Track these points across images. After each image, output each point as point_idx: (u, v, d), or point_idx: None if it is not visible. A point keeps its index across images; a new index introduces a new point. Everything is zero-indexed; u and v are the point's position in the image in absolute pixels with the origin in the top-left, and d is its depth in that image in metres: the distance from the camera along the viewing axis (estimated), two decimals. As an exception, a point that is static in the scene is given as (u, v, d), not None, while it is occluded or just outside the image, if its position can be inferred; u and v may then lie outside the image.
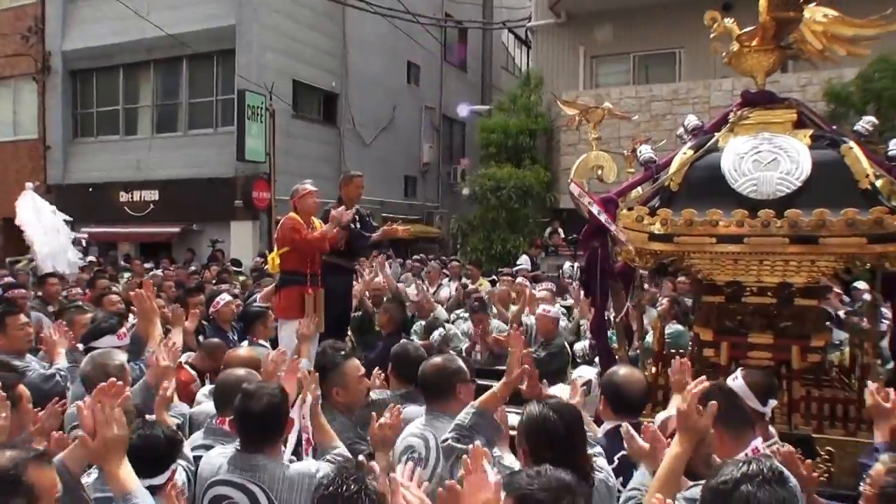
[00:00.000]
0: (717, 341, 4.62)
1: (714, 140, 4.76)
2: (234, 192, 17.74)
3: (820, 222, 4.07)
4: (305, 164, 19.03)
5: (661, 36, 18.27)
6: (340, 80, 20.92)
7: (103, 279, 9.47)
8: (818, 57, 5.05)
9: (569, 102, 5.37)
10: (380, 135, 22.37)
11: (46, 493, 2.27)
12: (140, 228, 19.08)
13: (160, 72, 20.02)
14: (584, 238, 4.63)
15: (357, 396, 4.01)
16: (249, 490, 3.00)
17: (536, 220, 17.08)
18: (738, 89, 15.83)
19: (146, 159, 19.50)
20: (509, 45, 30.55)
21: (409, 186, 24.57)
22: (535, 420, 2.83)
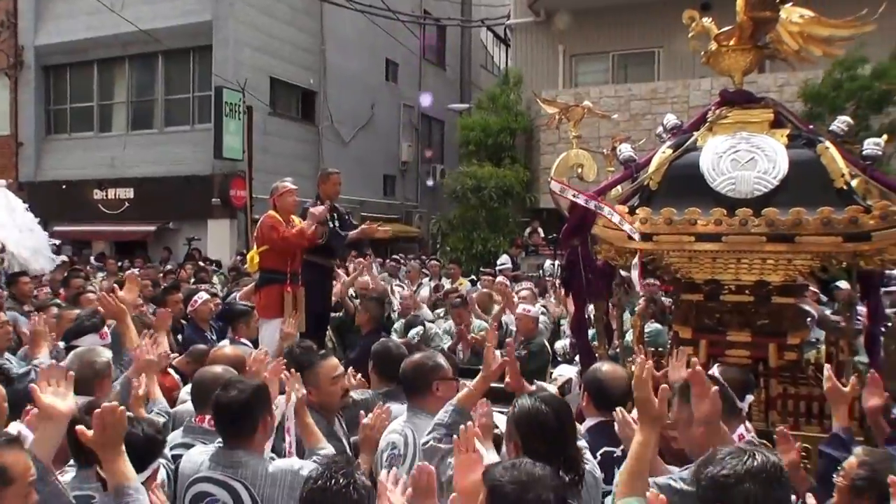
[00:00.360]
0: (695, 339, 4.64)
1: (693, 139, 4.78)
2: (211, 190, 17.61)
3: (796, 221, 4.11)
4: (283, 163, 18.92)
5: (639, 35, 18.39)
6: (318, 78, 20.82)
7: (78, 278, 9.36)
8: (794, 57, 5.09)
9: (549, 101, 5.37)
10: (358, 133, 22.29)
11: (20, 476, 2.33)
12: (115, 227, 18.85)
13: (135, 68, 19.81)
14: (565, 236, 4.64)
15: (330, 398, 3.91)
16: (231, 487, 2.99)
17: (516, 219, 17.09)
18: (717, 89, 15.78)
19: (121, 157, 19.29)
20: (488, 43, 30.55)
21: (387, 185, 24.49)
22: (526, 413, 2.84)
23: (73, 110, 20.77)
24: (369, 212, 22.02)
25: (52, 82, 21.02)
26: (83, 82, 20.52)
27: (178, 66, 19.14)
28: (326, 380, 3.87)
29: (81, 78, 20.55)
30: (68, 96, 20.80)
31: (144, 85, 19.76)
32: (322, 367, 3.93)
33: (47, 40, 20.19)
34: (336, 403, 3.93)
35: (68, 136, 20.77)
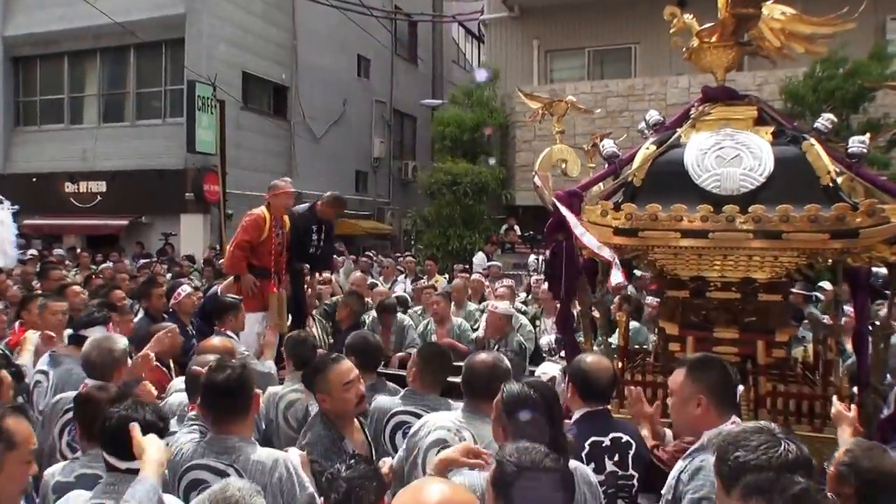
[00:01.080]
0: (682, 336, 4.62)
1: (676, 135, 4.75)
2: (185, 185, 17.44)
3: (783, 218, 4.09)
4: (255, 158, 18.86)
5: (616, 31, 18.43)
6: (290, 73, 20.71)
7: (56, 269, 9.24)
8: (776, 54, 5.07)
9: (531, 95, 5.30)
10: (330, 129, 22.17)
11: (23, 442, 2.50)
12: (87, 220, 18.59)
13: (107, 60, 19.60)
14: (549, 231, 4.59)
15: (344, 405, 3.60)
16: (225, 473, 2.94)
17: (492, 216, 17.03)
18: (695, 86, 16.21)
19: (93, 149, 19.08)
20: (459, 39, 30.49)
21: (359, 182, 24.37)
22: (515, 397, 2.83)
23: (43, 102, 20.51)
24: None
25: (21, 74, 20.73)
26: (53, 74, 20.26)
27: (151, 60, 18.94)
28: (338, 385, 3.56)
29: (52, 70, 20.29)
30: (38, 88, 20.54)
31: (116, 78, 19.54)
32: (333, 371, 3.60)
33: (17, 31, 19.91)
34: (350, 411, 3.63)
35: (38, 128, 20.50)
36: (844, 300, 5.89)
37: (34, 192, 18.66)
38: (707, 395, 3.07)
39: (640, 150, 4.77)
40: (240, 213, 17.56)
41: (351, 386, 3.59)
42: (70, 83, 20.06)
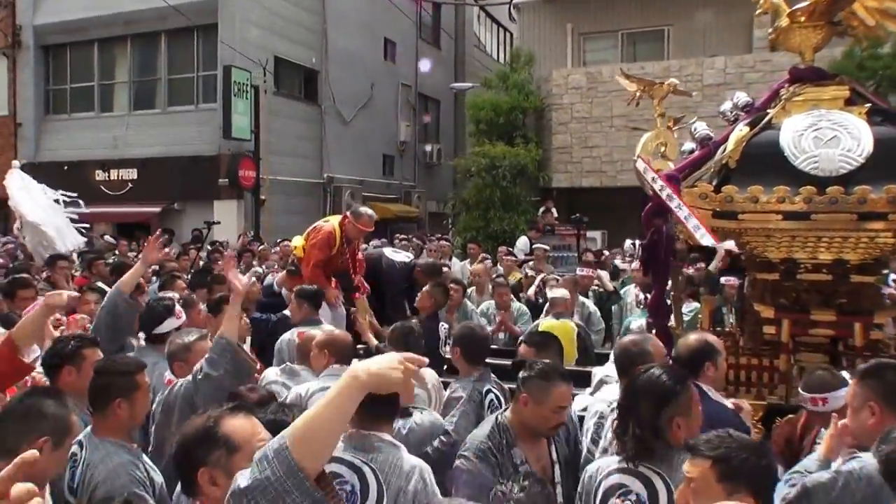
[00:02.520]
0: (778, 318, 4.58)
1: (768, 117, 4.71)
2: (218, 171, 17.40)
3: (891, 198, 4.05)
4: (287, 143, 18.91)
5: (649, 13, 18.35)
6: (320, 57, 20.63)
7: (100, 260, 9.21)
8: (866, 33, 5.00)
9: (631, 77, 5.22)
10: (359, 113, 22.10)
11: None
12: (118, 208, 18.39)
13: (137, 47, 19.51)
14: (647, 216, 4.55)
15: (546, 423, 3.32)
16: (361, 470, 2.85)
17: (528, 199, 17.02)
18: (731, 67, 16.18)
19: (123, 137, 19.03)
20: (481, 23, 30.38)
21: (386, 165, 24.34)
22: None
23: (73, 90, 20.42)
24: (370, 191, 22.00)
25: (51, 62, 20.67)
26: (83, 62, 20.17)
27: (182, 45, 18.84)
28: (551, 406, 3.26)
29: (82, 57, 20.20)
30: (68, 76, 20.45)
31: (147, 64, 19.47)
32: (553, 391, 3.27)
33: (46, 19, 19.82)
34: (546, 433, 3.37)
35: (68, 116, 20.43)
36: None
37: (65, 181, 18.40)
38: (880, 401, 2.97)
39: (733, 131, 4.73)
40: (272, 198, 17.81)
41: (562, 412, 3.34)
42: (100, 71, 19.97)
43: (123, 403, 3.21)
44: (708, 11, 17.70)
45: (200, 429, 2.27)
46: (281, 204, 18.54)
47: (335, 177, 20.76)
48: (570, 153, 17.76)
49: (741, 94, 5.16)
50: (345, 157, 21.23)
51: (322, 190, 20.66)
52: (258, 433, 2.27)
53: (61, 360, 3.65)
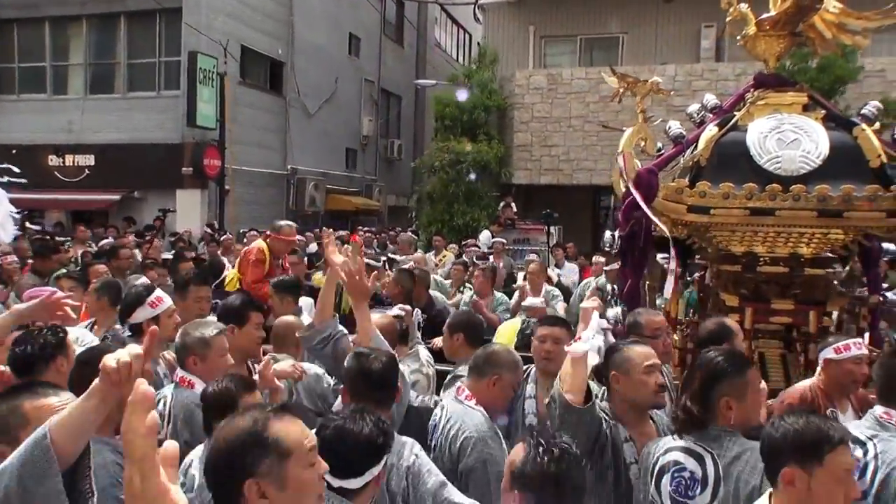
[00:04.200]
0: (742, 307, 4.94)
1: (735, 119, 5.08)
2: (181, 159, 17.18)
3: (846, 197, 4.44)
4: (252, 133, 18.87)
5: (606, 21, 19.02)
6: (287, 49, 20.64)
7: (126, 249, 8.78)
8: (822, 45, 5.41)
9: (616, 74, 5.52)
10: (323, 106, 22.19)
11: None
12: (73, 195, 17.99)
13: (94, 27, 18.88)
14: (627, 209, 4.86)
15: (643, 388, 3.22)
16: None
17: (490, 194, 17.40)
18: (681, 75, 16.75)
19: (79, 121, 18.47)
20: (441, 24, 30.73)
21: (349, 159, 24.49)
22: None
23: (23, 70, 19.52)
24: (332, 184, 22.13)
25: (-4, 38, 19.71)
26: (34, 40, 19.31)
27: (143, 29, 18.37)
28: (638, 368, 3.21)
29: (32, 35, 19.32)
30: (16, 55, 19.52)
31: (105, 47, 18.86)
32: (636, 352, 3.27)
33: (-9, -8, 18.90)
34: (649, 399, 3.26)
35: (17, 97, 19.56)
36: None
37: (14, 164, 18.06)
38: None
39: (703, 132, 5.08)
40: (236, 188, 17.74)
41: (652, 370, 3.24)
42: (53, 51, 19.26)
43: None
44: (660, 22, 18.43)
45: (246, 432, 1.93)
46: (245, 194, 18.50)
47: (298, 168, 20.82)
48: (530, 151, 18.29)
49: (710, 97, 5.51)
50: (308, 150, 21.30)
51: (286, 181, 20.70)
52: (307, 435, 2.02)
53: (53, 350, 3.40)
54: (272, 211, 19.87)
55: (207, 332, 3.64)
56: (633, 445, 3.20)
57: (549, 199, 16.81)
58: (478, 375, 3.59)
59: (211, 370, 3.52)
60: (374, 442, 2.46)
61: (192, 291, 5.19)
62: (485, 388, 3.55)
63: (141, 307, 4.30)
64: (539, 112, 18.08)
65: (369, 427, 2.47)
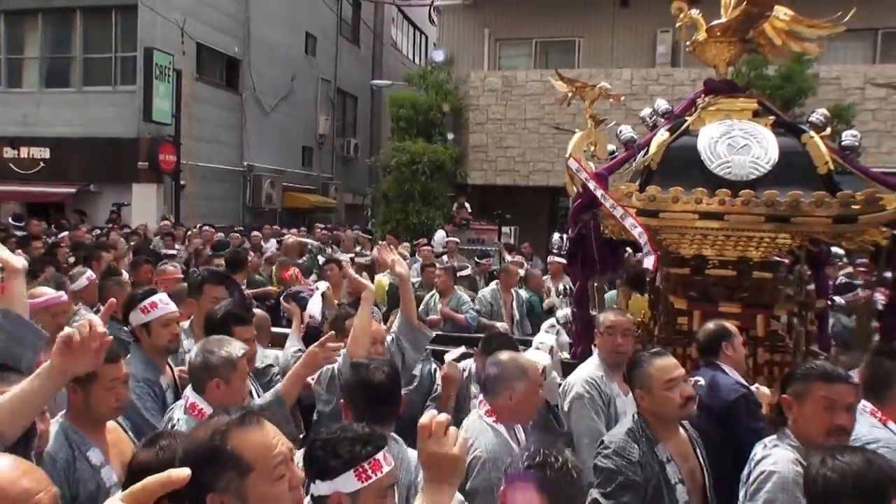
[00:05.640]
0: (689, 310, 5.02)
1: (686, 124, 5.14)
2: (137, 154, 17.02)
3: (793, 203, 4.52)
4: (208, 129, 18.73)
5: (562, 24, 19.11)
6: (243, 46, 20.51)
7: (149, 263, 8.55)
8: (772, 53, 5.50)
9: (563, 77, 5.54)
10: (279, 104, 22.12)
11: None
12: (28, 188, 17.76)
13: (49, 22, 18.69)
14: (574, 212, 4.90)
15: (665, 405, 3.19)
16: None
17: (445, 194, 17.44)
18: (637, 80, 16.95)
19: (34, 114, 18.24)
20: (397, 25, 30.74)
21: (306, 157, 24.41)
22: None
23: None
24: (289, 181, 22.04)
25: (-51, 29, 19.37)
26: None
27: (99, 24, 18.19)
28: (659, 384, 3.17)
29: None
30: None
31: (60, 41, 18.64)
32: (655, 367, 3.22)
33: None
34: (675, 414, 3.19)
35: None
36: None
37: (-31, 156, 17.86)
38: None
39: (654, 136, 5.14)
40: (192, 183, 17.54)
41: (674, 384, 3.17)
42: (7, 44, 19.03)
43: (78, 390, 2.88)
44: (616, 26, 18.63)
45: (204, 446, 1.82)
46: (201, 190, 18.30)
47: (255, 165, 20.70)
48: (486, 152, 18.34)
49: (661, 101, 5.58)
50: (265, 147, 21.20)
51: (242, 178, 20.60)
52: (274, 446, 1.86)
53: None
54: (228, 207, 19.81)
55: (234, 352, 3.17)
56: (675, 465, 3.14)
57: (505, 200, 16.89)
58: (492, 395, 3.41)
59: (232, 396, 3.10)
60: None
61: (208, 291, 4.81)
62: (503, 405, 3.36)
63: (133, 311, 3.94)
64: (494, 114, 18.14)
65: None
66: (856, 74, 16.36)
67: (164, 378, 3.89)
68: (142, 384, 3.68)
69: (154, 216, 16.17)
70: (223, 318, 3.93)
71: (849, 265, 9.38)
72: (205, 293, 4.81)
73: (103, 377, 2.88)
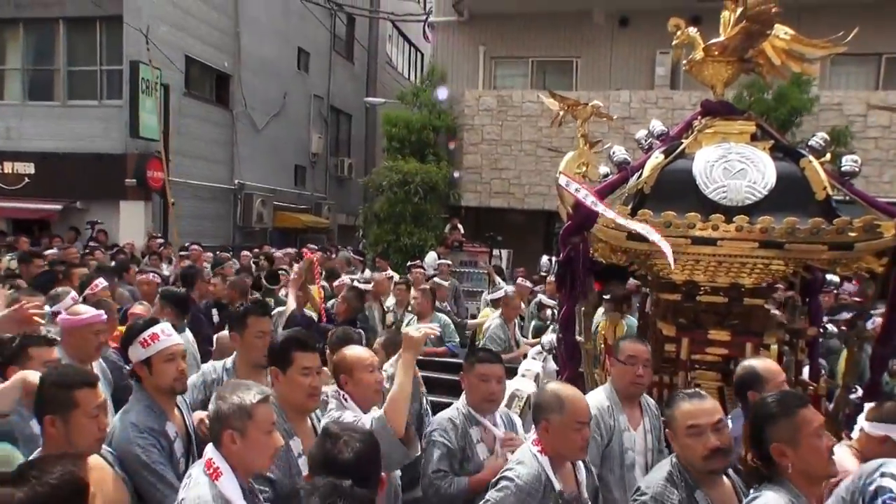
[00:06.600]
0: (678, 337, 4.85)
1: (682, 146, 4.97)
2: (125, 170, 16.65)
3: (789, 229, 4.35)
4: (197, 146, 18.48)
5: (559, 43, 18.97)
6: (233, 61, 20.29)
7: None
8: (771, 72, 5.35)
9: (555, 95, 5.39)
10: (271, 121, 21.91)
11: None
12: (13, 203, 17.32)
13: (32, 32, 18.18)
14: (565, 234, 4.73)
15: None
16: None
17: (438, 215, 17.22)
18: (635, 102, 16.85)
19: (18, 128, 17.82)
20: (393, 42, 30.69)
21: (298, 176, 24.17)
22: None
23: None
24: (281, 200, 21.82)
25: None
26: None
27: (83, 36, 17.77)
28: (681, 430, 3.09)
29: None
30: None
31: (43, 53, 18.19)
32: (680, 410, 3.11)
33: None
34: (699, 465, 3.03)
35: None
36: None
37: (-49, 171, 17.48)
38: None
39: (649, 158, 4.97)
40: (182, 201, 17.25)
41: (698, 433, 3.04)
42: None
43: (57, 422, 2.72)
44: (615, 47, 18.52)
45: None
46: (190, 208, 17.93)
47: (246, 184, 20.46)
48: (480, 173, 18.12)
49: (657, 123, 5.42)
50: (256, 165, 20.97)
51: (233, 196, 20.34)
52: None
53: (5, 359, 3.28)
54: (219, 225, 19.55)
55: (248, 398, 2.71)
56: None
57: (499, 222, 16.72)
58: (535, 424, 3.29)
59: (252, 452, 2.71)
60: None
61: (252, 325, 4.28)
62: (542, 435, 3.22)
63: (132, 345, 3.45)
64: (489, 134, 17.96)
65: None
66: (858, 100, 16.23)
67: (170, 426, 3.37)
68: (145, 435, 3.20)
69: (142, 234, 15.88)
70: (283, 342, 3.44)
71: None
72: (249, 326, 4.27)
73: (84, 403, 2.74)
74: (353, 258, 13.40)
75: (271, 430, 2.75)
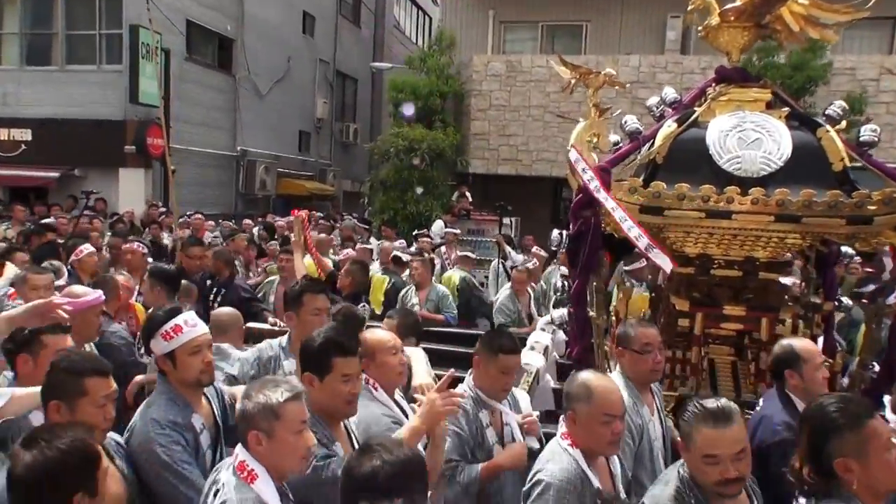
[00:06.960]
0: (692, 312, 4.72)
1: (695, 115, 4.79)
2: (124, 137, 16.42)
3: (806, 203, 4.19)
4: (199, 112, 18.21)
5: (568, 7, 18.63)
6: (236, 25, 19.95)
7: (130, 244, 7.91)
8: (789, 39, 5.14)
9: (566, 63, 5.19)
10: (275, 86, 21.62)
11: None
12: (10, 171, 17.05)
13: None
14: (576, 208, 4.57)
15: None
16: None
17: (445, 182, 16.97)
18: (645, 67, 16.55)
19: (15, 93, 17.50)
20: (401, 5, 30.23)
21: (302, 142, 23.91)
22: None
23: None
24: (285, 167, 21.61)
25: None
26: None
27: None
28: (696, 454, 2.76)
29: None
30: None
31: (41, 17, 17.81)
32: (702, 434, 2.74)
33: None
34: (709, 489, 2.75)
35: None
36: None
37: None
38: None
39: (661, 127, 4.78)
40: (183, 169, 17.05)
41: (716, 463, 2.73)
42: None
43: (62, 408, 2.66)
44: (625, 10, 18.19)
45: None
46: (191, 175, 17.66)
47: (249, 150, 20.27)
48: (488, 140, 17.89)
49: (669, 90, 5.21)
50: (259, 131, 20.75)
51: (235, 163, 20.13)
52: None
53: (17, 346, 3.19)
54: (220, 193, 19.38)
55: (275, 397, 2.53)
56: None
57: (507, 189, 16.49)
58: (563, 414, 3.11)
59: (280, 453, 2.54)
60: None
61: (308, 303, 4.12)
62: (570, 426, 3.04)
63: (153, 338, 3.20)
64: (497, 100, 17.70)
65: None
66: (871, 65, 15.94)
67: (196, 418, 3.18)
68: (167, 431, 3.01)
69: (142, 202, 15.72)
70: (322, 346, 3.06)
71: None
72: (305, 304, 4.11)
73: (94, 392, 2.71)
74: (359, 226, 13.27)
75: (301, 430, 2.57)
